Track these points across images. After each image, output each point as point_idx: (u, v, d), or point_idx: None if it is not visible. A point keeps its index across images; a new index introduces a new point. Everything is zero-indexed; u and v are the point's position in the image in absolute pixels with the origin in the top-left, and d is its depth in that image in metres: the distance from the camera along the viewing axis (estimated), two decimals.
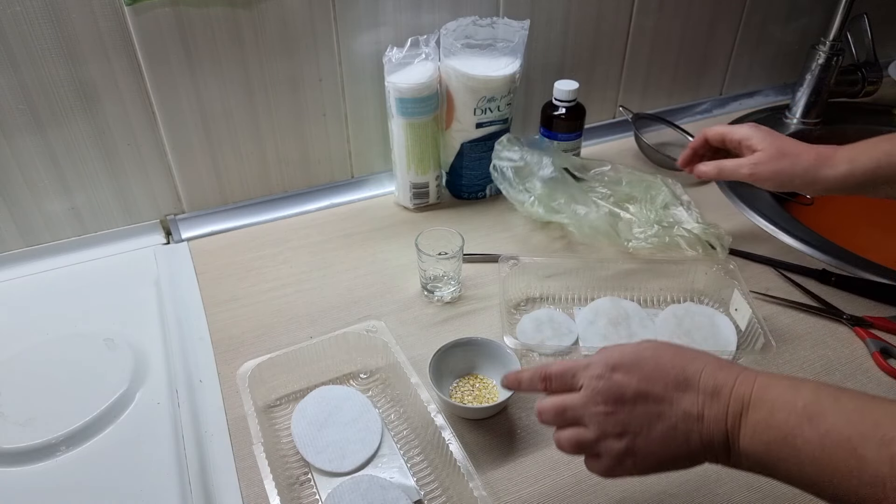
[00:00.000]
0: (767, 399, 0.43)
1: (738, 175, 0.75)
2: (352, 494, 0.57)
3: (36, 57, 0.74)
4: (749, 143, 0.75)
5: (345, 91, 0.92)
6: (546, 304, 0.79)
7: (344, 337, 0.68)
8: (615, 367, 0.47)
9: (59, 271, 0.86)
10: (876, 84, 1.13)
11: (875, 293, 0.79)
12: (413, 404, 0.63)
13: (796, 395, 0.42)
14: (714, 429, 0.44)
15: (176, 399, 0.68)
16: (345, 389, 0.68)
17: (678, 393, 0.45)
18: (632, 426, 0.45)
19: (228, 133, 0.89)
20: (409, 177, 0.92)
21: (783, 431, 0.41)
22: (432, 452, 0.61)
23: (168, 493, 0.60)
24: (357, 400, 0.66)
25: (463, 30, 0.88)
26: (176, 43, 0.80)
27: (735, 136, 0.76)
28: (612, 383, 0.47)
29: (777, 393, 0.43)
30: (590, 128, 1.10)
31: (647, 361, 0.47)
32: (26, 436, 0.63)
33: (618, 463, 0.46)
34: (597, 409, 0.47)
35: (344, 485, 0.58)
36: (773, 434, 0.42)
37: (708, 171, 0.78)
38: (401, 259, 0.86)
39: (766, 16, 1.15)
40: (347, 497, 0.57)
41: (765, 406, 0.43)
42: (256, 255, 0.88)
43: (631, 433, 0.45)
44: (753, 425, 0.43)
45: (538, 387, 0.51)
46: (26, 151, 0.80)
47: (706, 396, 0.45)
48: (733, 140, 0.76)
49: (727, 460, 0.44)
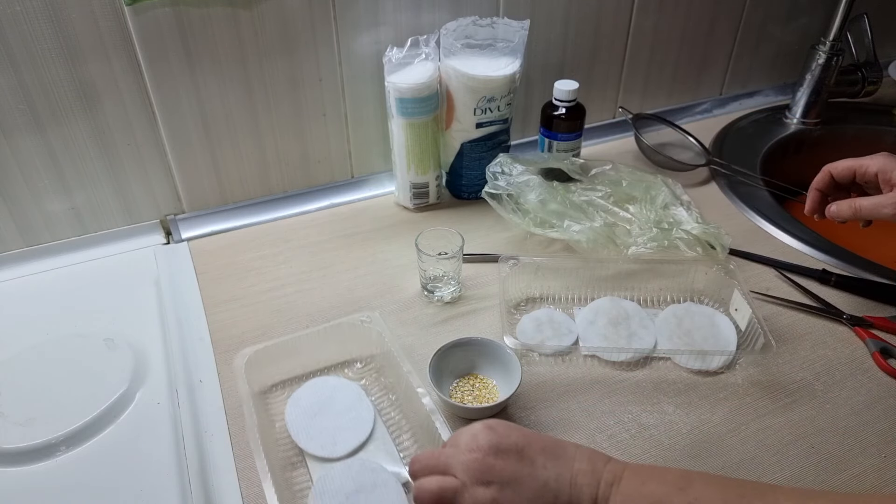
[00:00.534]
0: (640, 472, 0.45)
1: (879, 216, 0.66)
2: (342, 477, 0.58)
3: (36, 57, 0.74)
4: (888, 177, 0.65)
5: (345, 91, 0.92)
6: (546, 304, 0.79)
7: (339, 327, 0.69)
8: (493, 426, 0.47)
9: (59, 271, 0.86)
10: (876, 84, 1.13)
11: (875, 293, 0.79)
12: (405, 392, 0.64)
13: (667, 471, 0.45)
14: (585, 492, 0.44)
15: (176, 399, 0.68)
16: (339, 380, 0.69)
17: (552, 459, 0.46)
18: (502, 476, 0.45)
19: (228, 133, 0.89)
20: (409, 177, 0.92)
21: (654, 497, 0.43)
22: (423, 437, 0.62)
23: (168, 493, 0.60)
24: (350, 390, 0.67)
25: (463, 30, 0.88)
26: (176, 43, 0.80)
27: (870, 170, 0.67)
28: (492, 435, 0.46)
29: (649, 469, 0.46)
30: (590, 128, 1.10)
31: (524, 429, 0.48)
32: (26, 436, 0.63)
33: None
34: (470, 456, 0.46)
35: (335, 468, 0.60)
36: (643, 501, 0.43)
37: (842, 212, 0.68)
38: (401, 259, 0.86)
39: (766, 16, 1.15)
40: (338, 479, 0.58)
41: (638, 477, 0.44)
42: (256, 255, 0.88)
43: (498, 483, 0.45)
44: (625, 493, 0.44)
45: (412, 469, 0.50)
46: (26, 151, 0.80)
47: (581, 466, 0.46)
48: (868, 174, 0.67)
49: None
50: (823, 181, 0.71)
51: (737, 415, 0.66)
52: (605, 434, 0.64)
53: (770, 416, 0.66)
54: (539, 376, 0.70)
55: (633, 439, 0.64)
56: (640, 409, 0.67)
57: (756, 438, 0.64)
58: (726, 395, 0.68)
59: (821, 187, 0.71)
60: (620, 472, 0.45)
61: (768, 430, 0.64)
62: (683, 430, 0.65)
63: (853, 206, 0.67)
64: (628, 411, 0.66)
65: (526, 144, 1.07)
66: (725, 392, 0.68)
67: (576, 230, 0.82)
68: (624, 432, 0.64)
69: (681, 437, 0.64)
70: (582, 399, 0.68)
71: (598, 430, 0.65)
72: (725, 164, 1.02)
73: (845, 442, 0.63)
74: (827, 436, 0.64)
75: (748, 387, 0.69)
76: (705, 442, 0.63)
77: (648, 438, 0.64)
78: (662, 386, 0.69)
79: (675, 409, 0.67)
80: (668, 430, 0.65)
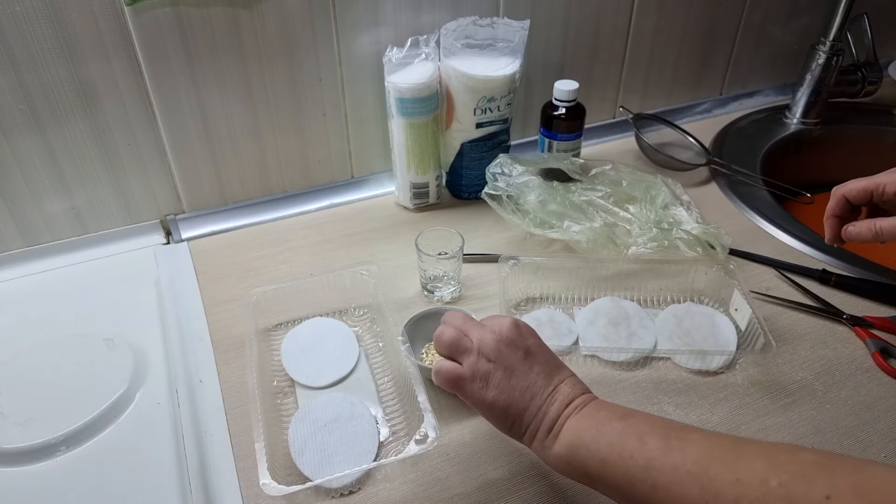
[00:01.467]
0: (602, 405, 0.51)
1: None
2: (324, 406, 0.65)
3: (36, 57, 0.74)
4: None
5: (345, 91, 0.92)
6: (546, 304, 0.79)
7: (341, 276, 0.76)
8: (520, 326, 0.55)
9: (59, 271, 0.86)
10: (876, 84, 1.13)
11: (875, 293, 0.79)
12: (390, 342, 0.71)
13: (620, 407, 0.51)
14: (554, 407, 0.51)
15: (176, 399, 0.68)
16: (335, 322, 0.76)
17: (546, 371, 0.53)
18: (504, 362, 0.52)
19: (228, 133, 0.89)
20: (409, 177, 0.92)
21: (596, 420, 0.49)
22: (401, 381, 0.68)
23: (168, 493, 0.60)
24: (342, 332, 0.75)
25: (463, 30, 0.88)
26: (176, 43, 0.80)
27: (888, 189, 0.64)
28: (515, 331, 0.54)
29: (610, 405, 0.51)
30: (590, 128, 1.10)
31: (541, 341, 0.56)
32: (26, 436, 0.63)
33: (471, 377, 0.53)
34: (490, 335, 0.54)
35: (320, 397, 0.67)
36: (587, 422, 0.49)
37: (862, 234, 0.66)
38: (401, 259, 0.86)
39: (766, 16, 1.15)
40: (320, 408, 0.65)
41: (601, 409, 0.51)
42: (256, 255, 0.88)
43: (498, 365, 0.52)
44: (582, 415, 0.50)
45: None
46: (26, 151, 0.80)
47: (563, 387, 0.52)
48: (887, 194, 0.65)
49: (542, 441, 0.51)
50: (839, 207, 0.68)
51: (737, 415, 0.66)
52: None
53: (770, 416, 0.66)
54: None
55: None
56: (640, 409, 0.66)
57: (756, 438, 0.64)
58: (726, 395, 0.68)
59: (838, 213, 0.68)
60: (588, 402, 0.51)
61: (768, 430, 0.64)
62: None
63: (873, 228, 0.65)
64: None
65: (526, 144, 1.07)
66: (725, 392, 0.68)
67: (576, 230, 0.82)
68: None
69: None
70: None
71: None
72: (725, 164, 1.02)
73: (845, 442, 0.63)
74: (827, 436, 0.64)
75: (748, 387, 0.69)
76: None
77: None
78: (662, 386, 0.69)
79: (675, 409, 0.67)
80: None
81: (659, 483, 0.43)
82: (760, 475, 0.39)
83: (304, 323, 0.75)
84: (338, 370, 0.70)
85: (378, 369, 0.71)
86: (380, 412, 0.66)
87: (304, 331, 0.74)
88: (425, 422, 0.58)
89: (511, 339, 0.54)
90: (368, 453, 0.61)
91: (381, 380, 0.70)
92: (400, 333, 0.67)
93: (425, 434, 0.57)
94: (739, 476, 0.40)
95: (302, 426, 0.63)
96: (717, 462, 0.41)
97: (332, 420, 0.64)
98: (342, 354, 0.72)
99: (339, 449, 0.61)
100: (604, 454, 0.47)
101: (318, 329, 0.75)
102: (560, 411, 0.51)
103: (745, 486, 0.39)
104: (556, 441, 0.50)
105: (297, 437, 0.62)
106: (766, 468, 0.39)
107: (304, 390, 0.69)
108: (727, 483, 0.40)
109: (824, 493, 0.36)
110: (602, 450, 0.47)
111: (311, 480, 0.58)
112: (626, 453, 0.45)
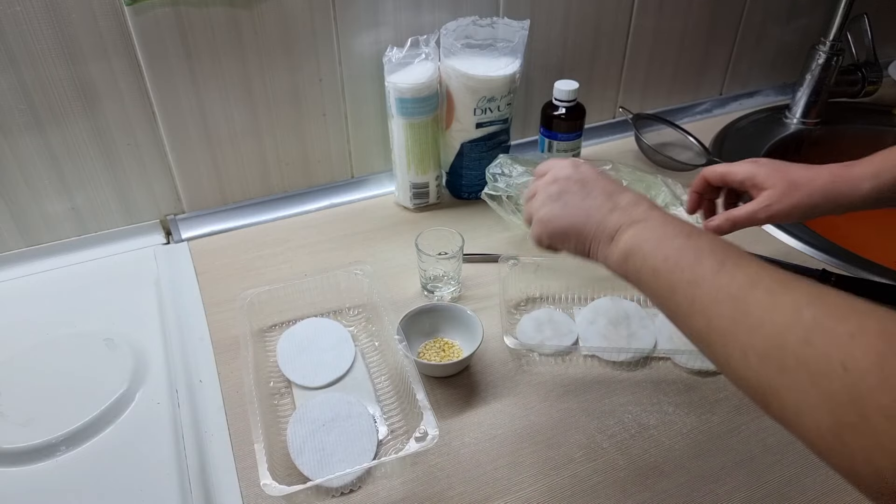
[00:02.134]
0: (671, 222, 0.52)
1: (754, 222, 0.68)
2: (321, 406, 0.65)
3: (36, 57, 0.74)
4: (754, 182, 0.67)
5: (345, 91, 0.92)
6: (546, 304, 0.79)
7: (335, 276, 0.76)
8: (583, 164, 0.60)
9: (59, 271, 0.86)
10: (876, 84, 1.13)
11: (875, 293, 0.79)
12: (386, 340, 0.71)
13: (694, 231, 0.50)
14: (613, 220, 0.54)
15: (176, 399, 0.68)
16: (330, 322, 0.76)
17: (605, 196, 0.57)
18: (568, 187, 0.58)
19: (228, 133, 0.89)
20: (409, 177, 0.92)
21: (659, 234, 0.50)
22: (397, 379, 0.68)
23: (168, 493, 0.60)
24: (338, 331, 0.75)
25: (463, 30, 0.88)
26: (176, 43, 0.80)
27: (736, 177, 0.68)
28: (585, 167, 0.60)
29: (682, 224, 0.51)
30: (590, 128, 1.10)
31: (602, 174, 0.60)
32: (26, 436, 0.63)
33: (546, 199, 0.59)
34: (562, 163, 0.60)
35: (317, 397, 0.67)
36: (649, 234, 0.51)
37: (720, 225, 0.70)
38: (401, 259, 0.86)
39: (766, 16, 1.15)
40: (317, 408, 0.65)
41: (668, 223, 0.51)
42: (256, 255, 0.88)
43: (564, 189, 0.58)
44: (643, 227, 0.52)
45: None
46: (26, 151, 0.80)
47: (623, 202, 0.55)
48: (735, 181, 0.69)
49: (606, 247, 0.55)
50: (700, 184, 0.72)
51: (737, 415, 0.66)
52: (605, 434, 0.64)
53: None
54: (539, 376, 0.70)
55: (633, 439, 0.64)
56: (640, 409, 0.67)
57: (756, 438, 0.64)
58: (726, 395, 0.68)
59: (697, 190, 0.73)
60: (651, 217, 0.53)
61: (768, 430, 0.64)
62: (683, 430, 0.65)
63: (729, 218, 0.69)
64: (628, 411, 0.66)
65: (526, 144, 1.08)
66: (725, 392, 0.68)
67: None
68: (624, 432, 0.64)
69: (681, 437, 0.64)
70: (582, 399, 0.68)
71: (598, 430, 0.65)
72: None
73: None
74: None
75: None
76: (705, 442, 0.63)
77: (648, 438, 0.64)
78: (662, 386, 0.69)
79: (675, 409, 0.67)
80: (668, 430, 0.65)
81: (697, 298, 0.44)
82: (796, 304, 0.39)
83: (299, 323, 0.75)
84: (334, 370, 0.70)
85: (375, 368, 0.71)
86: (378, 411, 0.67)
87: (300, 331, 0.74)
88: (424, 419, 0.58)
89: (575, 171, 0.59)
90: (367, 452, 0.61)
91: (378, 379, 0.70)
92: (396, 332, 0.67)
93: (425, 432, 0.57)
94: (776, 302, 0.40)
95: (300, 426, 0.63)
96: (762, 289, 0.42)
97: (330, 419, 0.64)
98: (338, 354, 0.72)
99: (337, 448, 0.61)
100: (658, 265, 0.48)
101: (313, 329, 0.75)
102: (620, 222, 0.53)
103: (778, 312, 0.40)
104: (616, 247, 0.53)
105: (296, 437, 0.62)
106: (805, 300, 0.39)
107: (301, 391, 0.69)
108: (762, 307, 0.40)
109: (850, 331, 0.36)
110: (658, 262, 0.48)
111: (310, 480, 0.58)
112: (679, 267, 0.47)
